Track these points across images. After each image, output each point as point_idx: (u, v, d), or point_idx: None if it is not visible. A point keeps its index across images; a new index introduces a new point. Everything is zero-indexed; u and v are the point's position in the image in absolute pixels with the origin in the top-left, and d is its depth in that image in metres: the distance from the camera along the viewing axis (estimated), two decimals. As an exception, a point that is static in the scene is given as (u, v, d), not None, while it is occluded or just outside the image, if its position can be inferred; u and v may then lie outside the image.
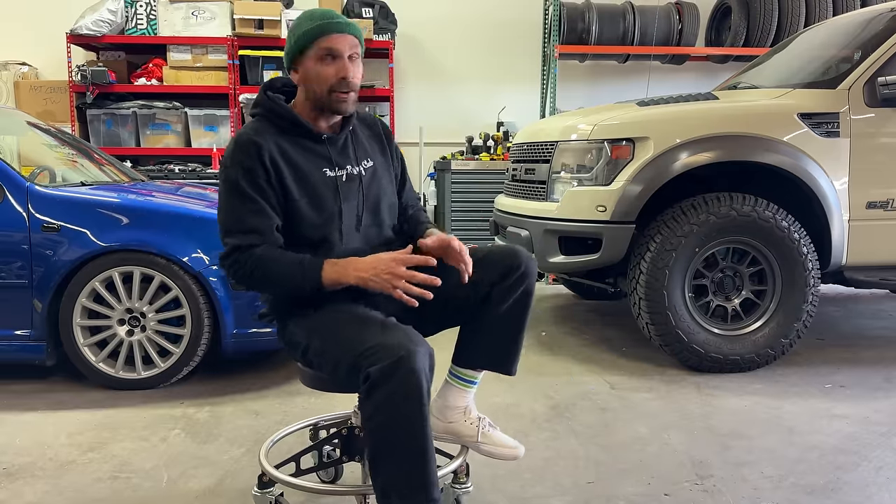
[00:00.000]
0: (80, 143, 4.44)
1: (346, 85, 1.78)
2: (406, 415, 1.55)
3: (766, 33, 5.88)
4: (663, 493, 2.20)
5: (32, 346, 3.06)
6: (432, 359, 1.61)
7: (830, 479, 2.28)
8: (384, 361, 1.54)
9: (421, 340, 1.61)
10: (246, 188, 1.75)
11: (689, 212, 3.28)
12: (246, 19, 5.69)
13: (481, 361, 1.96)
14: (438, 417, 2.00)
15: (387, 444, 1.58)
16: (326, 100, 1.80)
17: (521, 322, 1.92)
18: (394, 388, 1.54)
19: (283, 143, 1.81)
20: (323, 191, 1.83)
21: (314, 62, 1.78)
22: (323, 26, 1.76)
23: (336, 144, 1.88)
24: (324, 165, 1.85)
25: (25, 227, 3.01)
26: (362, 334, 1.65)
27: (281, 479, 1.90)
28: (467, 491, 1.98)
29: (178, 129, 5.82)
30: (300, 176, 1.80)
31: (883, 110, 3.37)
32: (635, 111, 3.50)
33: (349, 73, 1.78)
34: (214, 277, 3.02)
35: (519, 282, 1.86)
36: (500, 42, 6.51)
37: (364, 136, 1.98)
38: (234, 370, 3.38)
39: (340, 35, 1.77)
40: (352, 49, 1.79)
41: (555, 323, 4.38)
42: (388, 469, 1.58)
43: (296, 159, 1.81)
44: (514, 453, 2.01)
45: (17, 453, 2.49)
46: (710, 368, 3.34)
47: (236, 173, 1.76)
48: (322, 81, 1.78)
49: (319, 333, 1.78)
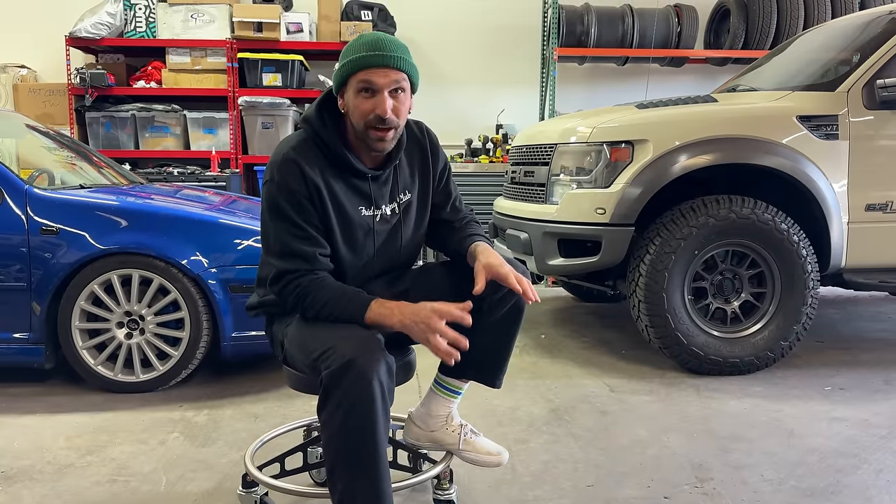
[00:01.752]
0: (79, 145, 4.44)
1: (383, 122, 1.69)
2: (355, 426, 1.51)
3: (765, 36, 5.89)
4: (663, 496, 2.19)
5: (31, 349, 3.05)
6: (390, 368, 1.57)
7: (830, 482, 2.28)
8: (333, 366, 1.51)
9: (377, 347, 1.56)
10: (288, 210, 1.70)
11: (688, 214, 3.28)
12: (245, 22, 5.69)
13: (467, 372, 1.94)
14: (420, 427, 2.00)
15: (338, 455, 1.54)
16: (363, 135, 1.73)
17: (510, 336, 1.90)
18: (342, 395, 1.50)
19: (327, 171, 1.75)
20: (357, 229, 1.80)
21: (353, 94, 1.71)
22: (365, 59, 1.67)
23: (378, 181, 1.83)
24: (361, 203, 1.80)
25: (24, 230, 3.01)
26: (322, 337, 1.63)
27: (260, 480, 1.92)
28: (450, 498, 1.96)
29: (176, 132, 5.82)
30: (338, 208, 1.76)
31: (882, 112, 3.37)
32: (634, 114, 3.50)
33: (386, 110, 1.68)
34: (213, 280, 3.01)
35: (510, 295, 1.83)
36: (499, 44, 6.51)
37: (407, 162, 1.90)
38: (233, 373, 3.37)
39: (381, 69, 1.67)
40: (395, 84, 1.69)
41: (554, 325, 4.38)
42: (340, 481, 1.55)
43: (337, 193, 1.76)
44: (497, 460, 2.00)
45: (15, 457, 2.48)
46: (709, 371, 3.34)
47: (278, 192, 1.71)
48: (359, 116, 1.71)
49: (291, 333, 1.79)
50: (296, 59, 5.79)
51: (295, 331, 1.78)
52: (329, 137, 1.76)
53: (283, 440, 2.21)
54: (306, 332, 1.73)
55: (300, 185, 1.70)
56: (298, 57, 5.82)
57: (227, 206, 3.60)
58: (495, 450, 2.01)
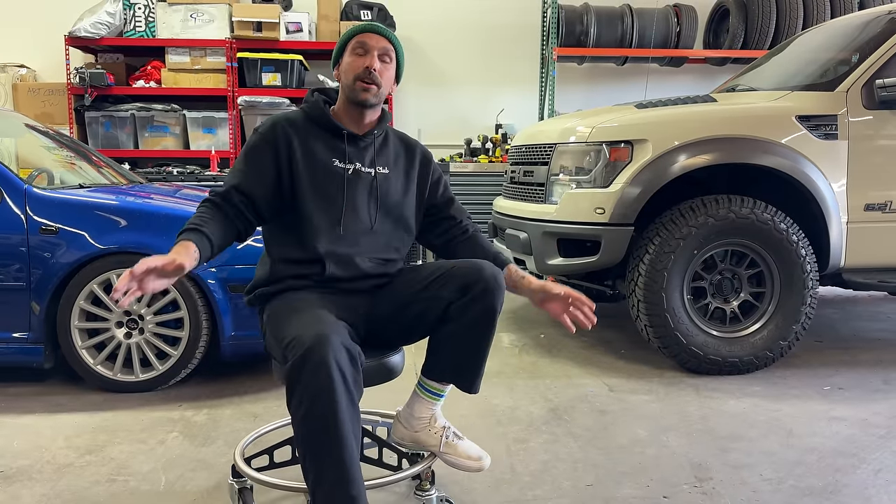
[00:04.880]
0: (79, 145, 4.43)
1: (370, 76, 1.87)
2: (319, 414, 1.54)
3: (765, 36, 5.90)
4: (662, 495, 2.19)
5: (30, 349, 3.05)
6: (353, 356, 1.59)
7: (829, 481, 2.28)
8: (293, 359, 1.55)
9: (337, 335, 1.57)
10: (248, 152, 1.90)
11: (687, 214, 3.28)
12: (244, 21, 5.70)
13: (445, 376, 1.94)
14: (405, 426, 2.00)
15: (306, 446, 1.57)
16: (351, 89, 1.90)
17: (482, 341, 1.87)
18: (303, 387, 1.54)
19: (310, 133, 1.93)
20: (327, 179, 1.90)
21: (349, 55, 1.92)
22: (362, 27, 1.93)
23: (356, 143, 1.96)
24: (335, 156, 1.92)
25: (23, 230, 3.00)
26: (287, 326, 1.69)
27: (244, 471, 1.95)
28: (430, 499, 1.95)
29: (176, 132, 5.82)
30: (309, 162, 1.90)
31: (881, 112, 3.37)
32: (634, 113, 3.50)
33: (374, 64, 1.88)
34: (212, 280, 3.01)
35: (477, 300, 1.81)
36: (499, 44, 6.52)
37: (393, 150, 2.03)
38: (233, 373, 3.37)
39: (376, 35, 1.91)
40: (383, 50, 1.91)
41: (553, 325, 4.38)
42: (311, 472, 1.57)
43: (313, 147, 1.91)
44: (478, 465, 1.99)
45: (14, 456, 2.48)
46: (708, 371, 3.34)
47: (252, 138, 1.93)
48: (350, 70, 1.90)
49: (266, 320, 1.87)
50: (295, 59, 5.80)
51: (269, 318, 1.84)
52: (316, 105, 1.96)
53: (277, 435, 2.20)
54: (276, 319, 1.79)
55: (271, 133, 1.90)
56: (298, 57, 5.82)
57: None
58: (476, 454, 1.99)
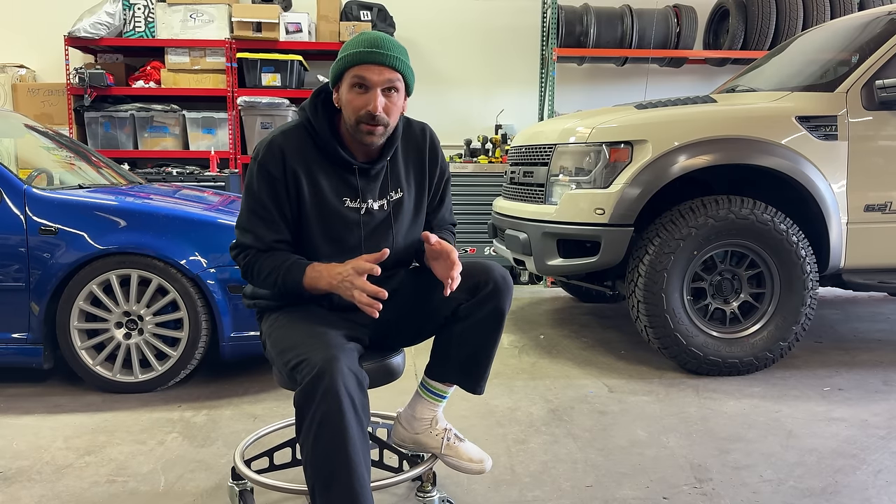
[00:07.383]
0: (78, 145, 4.43)
1: (373, 119, 1.71)
2: (328, 440, 1.51)
3: (764, 36, 5.89)
4: (662, 496, 2.19)
5: (30, 350, 3.05)
6: (360, 381, 1.58)
7: (829, 482, 2.28)
8: (304, 382, 1.53)
9: (345, 359, 1.56)
10: (261, 192, 1.78)
11: (687, 215, 3.28)
12: (244, 22, 5.68)
13: (450, 376, 1.93)
14: (406, 427, 1.99)
15: (315, 473, 1.54)
16: (354, 129, 1.75)
17: (489, 341, 1.87)
18: (312, 414, 1.52)
19: (314, 162, 1.79)
20: (339, 223, 1.81)
21: (347, 89, 1.73)
22: (361, 55, 1.69)
23: (367, 174, 1.83)
24: (346, 195, 1.81)
25: (23, 230, 3.00)
26: (291, 343, 1.68)
27: (244, 474, 1.94)
28: (431, 500, 1.95)
29: (175, 132, 5.81)
30: (318, 201, 1.79)
31: (881, 113, 3.37)
32: (633, 114, 3.50)
33: (377, 107, 1.70)
34: (212, 280, 3.01)
35: (486, 300, 1.81)
36: (499, 45, 6.51)
37: (403, 159, 1.90)
38: (232, 373, 3.37)
39: (376, 66, 1.69)
40: (388, 83, 1.71)
41: (553, 326, 4.38)
42: (320, 498, 1.54)
43: (321, 184, 1.78)
44: (479, 467, 1.98)
45: (13, 457, 2.48)
46: (708, 371, 3.34)
47: (257, 172, 1.78)
48: (351, 110, 1.74)
49: (268, 331, 1.84)
50: (295, 60, 5.79)
51: (272, 329, 1.82)
52: (320, 126, 1.79)
53: (276, 437, 2.20)
54: (279, 330, 1.78)
55: (278, 171, 1.76)
56: (297, 57, 5.81)
57: (225, 206, 3.59)
58: (478, 456, 1.99)
